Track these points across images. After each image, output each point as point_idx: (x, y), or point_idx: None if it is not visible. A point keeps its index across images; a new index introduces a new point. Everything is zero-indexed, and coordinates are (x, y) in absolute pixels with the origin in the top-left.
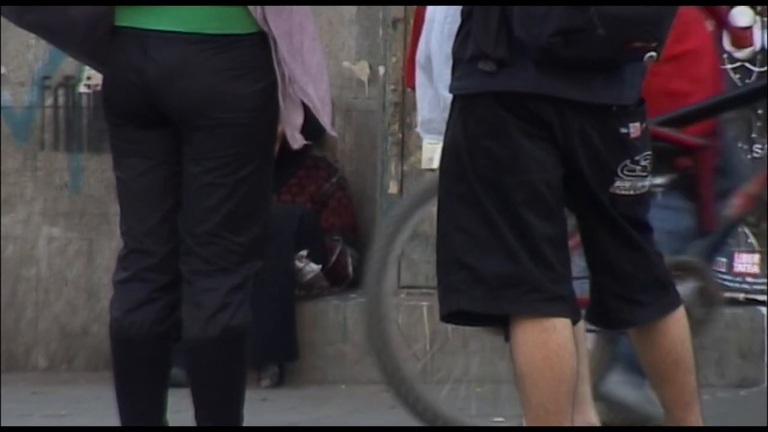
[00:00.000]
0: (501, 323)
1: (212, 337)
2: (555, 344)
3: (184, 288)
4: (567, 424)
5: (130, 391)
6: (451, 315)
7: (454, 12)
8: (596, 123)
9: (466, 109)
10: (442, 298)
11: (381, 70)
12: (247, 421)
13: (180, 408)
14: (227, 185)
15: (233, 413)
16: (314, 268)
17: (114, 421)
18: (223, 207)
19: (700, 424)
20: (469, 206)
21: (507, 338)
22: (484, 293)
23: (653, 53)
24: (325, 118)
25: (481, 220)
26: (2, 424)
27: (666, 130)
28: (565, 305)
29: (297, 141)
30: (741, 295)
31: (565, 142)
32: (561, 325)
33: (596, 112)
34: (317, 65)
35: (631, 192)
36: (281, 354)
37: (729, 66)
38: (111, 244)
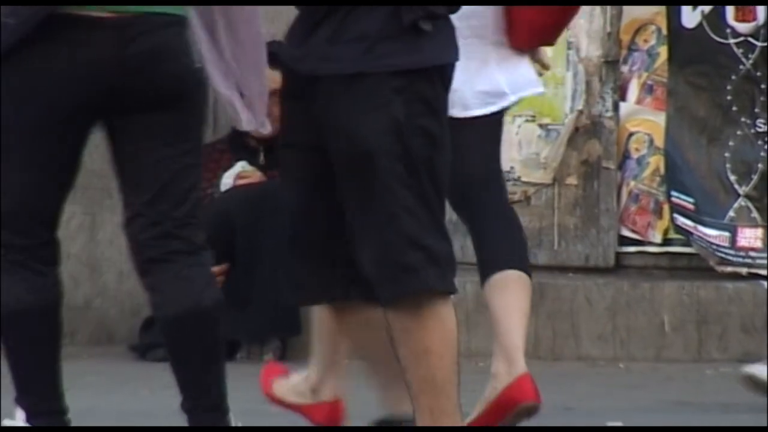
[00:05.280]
0: None
1: (207, 307)
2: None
3: (162, 268)
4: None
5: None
6: (408, 295)
7: None
8: None
9: (406, 87)
10: (396, 279)
11: None
12: (250, 395)
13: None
14: (198, 164)
15: (220, 386)
16: None
17: (117, 396)
18: (196, 187)
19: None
20: (411, 187)
21: None
22: (436, 272)
23: None
24: (242, 115)
25: (421, 200)
26: (6, 397)
27: None
28: None
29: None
30: (744, 270)
31: None
32: None
33: None
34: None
35: None
36: (284, 328)
37: (732, 41)
38: (113, 219)
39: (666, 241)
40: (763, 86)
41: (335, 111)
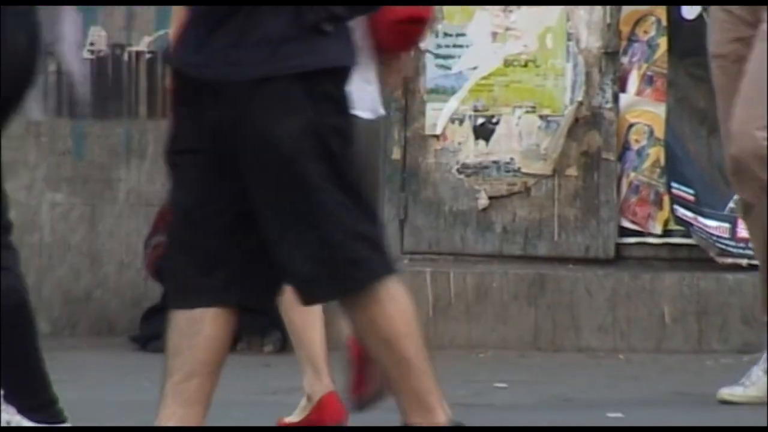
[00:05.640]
0: None
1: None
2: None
3: None
4: None
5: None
6: (364, 288)
7: None
8: None
9: (314, 88)
10: (346, 274)
11: None
12: (251, 386)
13: None
14: None
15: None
16: None
17: (118, 387)
18: None
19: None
20: (339, 182)
21: None
22: (380, 258)
23: None
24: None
25: (350, 192)
26: None
27: None
28: None
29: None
30: (744, 261)
31: None
32: None
33: None
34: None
35: None
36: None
37: None
38: (113, 210)
39: (666, 233)
40: None
41: (247, 118)
